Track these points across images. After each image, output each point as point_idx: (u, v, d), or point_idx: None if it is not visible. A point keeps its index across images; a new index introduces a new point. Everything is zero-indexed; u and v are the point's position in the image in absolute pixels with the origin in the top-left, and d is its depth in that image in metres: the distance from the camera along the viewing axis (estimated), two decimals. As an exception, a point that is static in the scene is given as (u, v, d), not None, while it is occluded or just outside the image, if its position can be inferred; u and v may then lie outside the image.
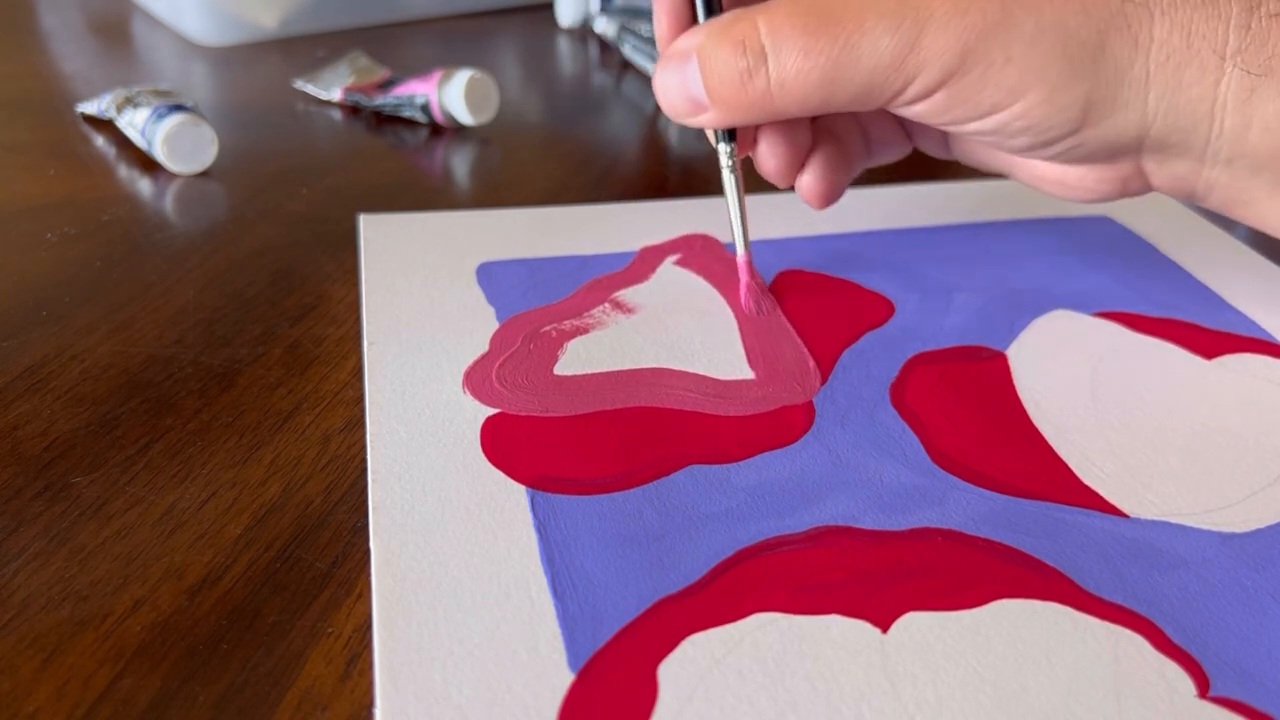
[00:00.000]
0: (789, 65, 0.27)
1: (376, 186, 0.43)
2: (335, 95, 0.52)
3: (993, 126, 0.28)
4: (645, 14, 0.63)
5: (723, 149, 0.32)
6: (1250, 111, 0.26)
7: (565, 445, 0.27)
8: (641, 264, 0.36)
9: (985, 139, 0.29)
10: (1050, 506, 0.26)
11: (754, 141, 0.32)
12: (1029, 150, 0.29)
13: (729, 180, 0.32)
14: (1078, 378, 0.31)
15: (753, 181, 0.45)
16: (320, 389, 0.30)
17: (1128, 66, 0.26)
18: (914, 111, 0.28)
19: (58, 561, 0.23)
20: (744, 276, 0.33)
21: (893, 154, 0.35)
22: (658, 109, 0.54)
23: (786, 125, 0.31)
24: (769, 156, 0.31)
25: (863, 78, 0.26)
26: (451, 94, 0.48)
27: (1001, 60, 0.26)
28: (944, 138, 0.34)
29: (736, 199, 0.32)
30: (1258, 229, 0.30)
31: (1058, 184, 0.31)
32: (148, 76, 0.57)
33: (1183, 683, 0.21)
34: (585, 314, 0.33)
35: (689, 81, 0.28)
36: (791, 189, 0.33)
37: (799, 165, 0.32)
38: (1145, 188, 0.30)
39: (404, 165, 0.46)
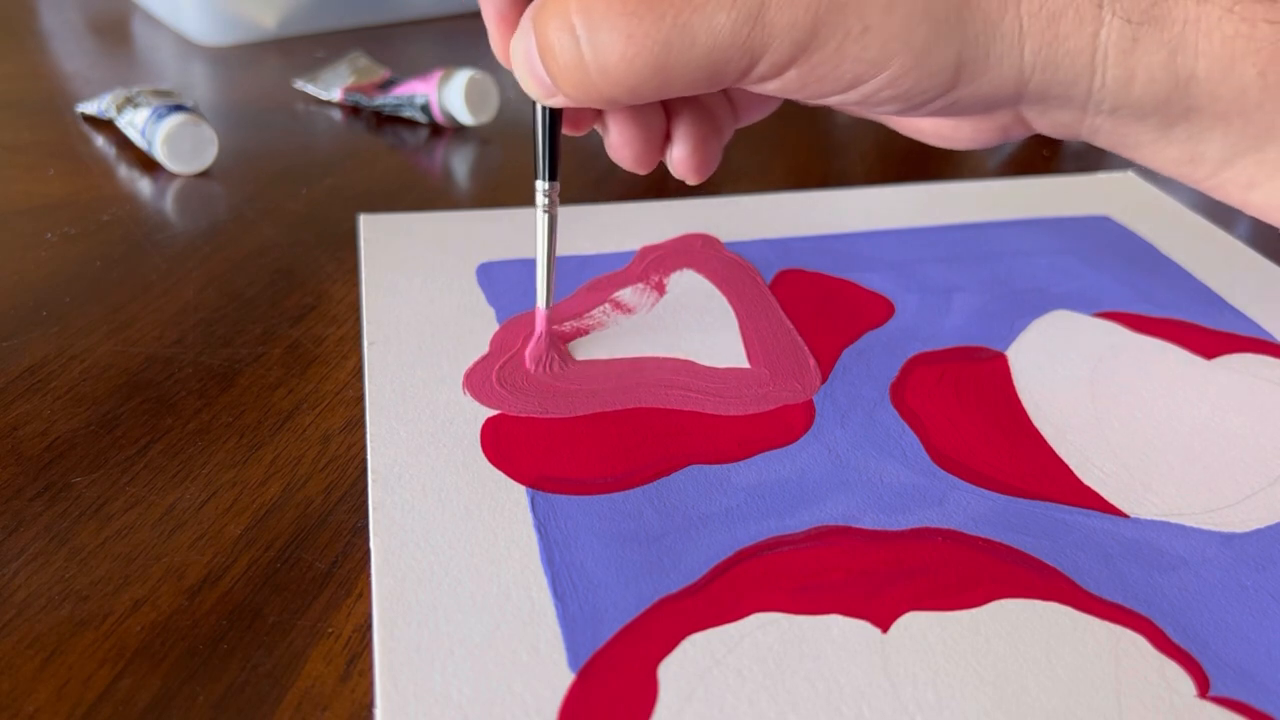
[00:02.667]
0: (611, 50, 0.23)
1: (376, 186, 0.43)
2: (335, 95, 0.52)
3: (857, 98, 0.25)
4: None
5: (539, 186, 0.28)
6: (1133, 64, 0.24)
7: (565, 445, 0.27)
8: (641, 264, 0.36)
9: (850, 107, 0.26)
10: (1050, 506, 0.26)
11: (604, 127, 0.28)
12: (898, 114, 0.26)
13: (542, 222, 0.29)
14: (1078, 378, 0.31)
15: (748, 180, 0.45)
16: (320, 389, 0.30)
17: (998, 20, 0.24)
18: (766, 89, 0.25)
19: (58, 561, 0.23)
20: (540, 326, 0.31)
21: (762, 112, 0.31)
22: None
23: (639, 110, 0.28)
24: (622, 145, 0.28)
25: (699, 61, 0.23)
26: (451, 94, 0.48)
27: (859, 30, 0.23)
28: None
29: (546, 244, 0.29)
30: (1148, 169, 0.28)
31: (934, 136, 0.29)
32: (148, 76, 0.57)
33: (1183, 683, 0.21)
34: (585, 314, 0.33)
35: (532, 59, 0.25)
36: (680, 179, 0.29)
37: (659, 147, 0.29)
38: (1027, 131, 0.28)
39: (404, 165, 0.46)
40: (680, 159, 0.29)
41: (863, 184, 0.44)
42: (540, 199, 0.28)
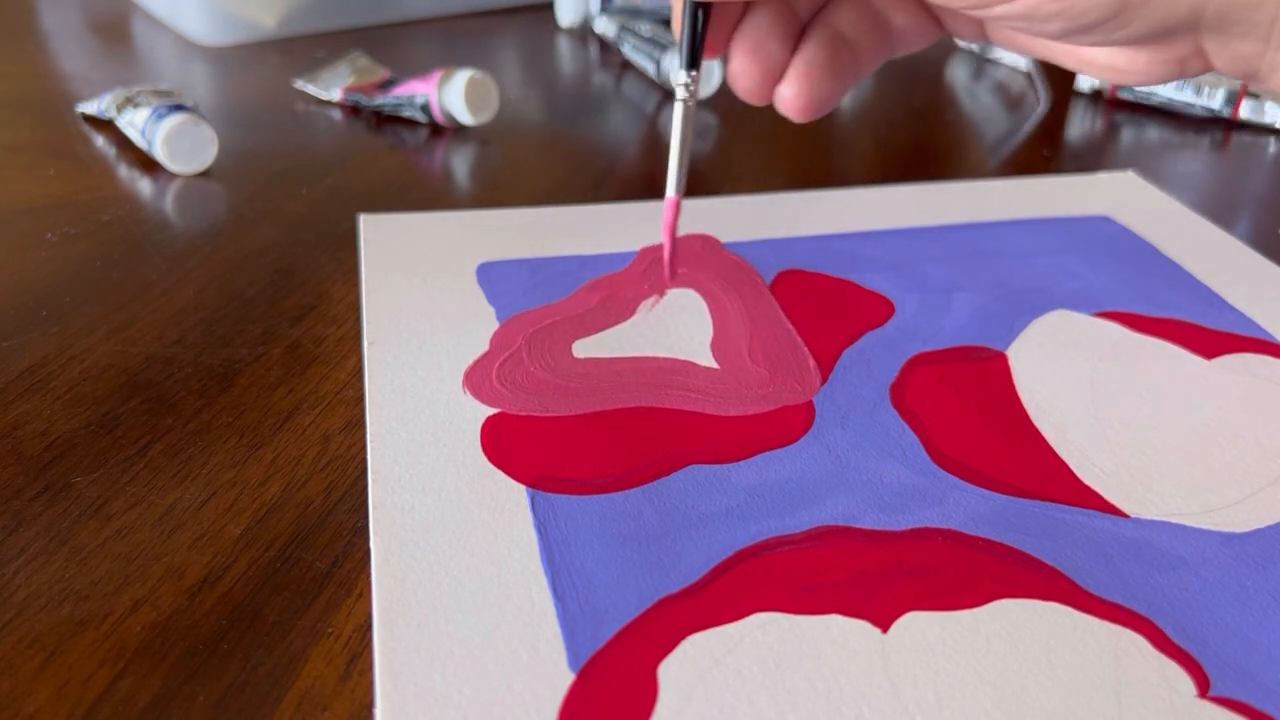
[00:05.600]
0: None
1: (376, 186, 0.43)
2: (335, 95, 0.52)
3: (1022, 11, 0.25)
4: (645, 14, 0.63)
5: (681, 76, 0.30)
6: None
7: (565, 445, 0.27)
8: (641, 264, 0.36)
9: (1016, 25, 0.26)
10: (1050, 506, 0.26)
11: (729, 53, 0.29)
12: (1067, 36, 0.26)
13: (680, 112, 0.30)
14: (1078, 378, 0.31)
15: (748, 180, 0.45)
16: (320, 389, 0.30)
17: None
18: None
19: (58, 561, 0.23)
20: (668, 215, 0.31)
21: (920, 42, 0.31)
22: (657, 108, 0.54)
23: (760, 40, 0.28)
24: (741, 75, 0.29)
25: None
26: (451, 94, 0.48)
27: None
28: (978, 22, 0.30)
29: (681, 130, 0.30)
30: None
31: (1107, 69, 0.28)
32: (148, 76, 0.57)
33: (1183, 683, 0.21)
34: (585, 314, 0.33)
35: None
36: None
37: (773, 82, 0.29)
38: (1205, 68, 0.26)
39: (404, 165, 0.46)
40: (787, 96, 0.29)
41: (863, 184, 0.44)
42: (681, 91, 0.30)
